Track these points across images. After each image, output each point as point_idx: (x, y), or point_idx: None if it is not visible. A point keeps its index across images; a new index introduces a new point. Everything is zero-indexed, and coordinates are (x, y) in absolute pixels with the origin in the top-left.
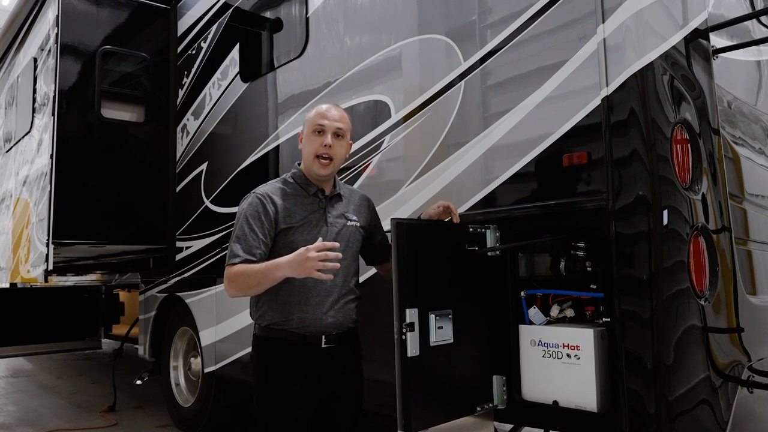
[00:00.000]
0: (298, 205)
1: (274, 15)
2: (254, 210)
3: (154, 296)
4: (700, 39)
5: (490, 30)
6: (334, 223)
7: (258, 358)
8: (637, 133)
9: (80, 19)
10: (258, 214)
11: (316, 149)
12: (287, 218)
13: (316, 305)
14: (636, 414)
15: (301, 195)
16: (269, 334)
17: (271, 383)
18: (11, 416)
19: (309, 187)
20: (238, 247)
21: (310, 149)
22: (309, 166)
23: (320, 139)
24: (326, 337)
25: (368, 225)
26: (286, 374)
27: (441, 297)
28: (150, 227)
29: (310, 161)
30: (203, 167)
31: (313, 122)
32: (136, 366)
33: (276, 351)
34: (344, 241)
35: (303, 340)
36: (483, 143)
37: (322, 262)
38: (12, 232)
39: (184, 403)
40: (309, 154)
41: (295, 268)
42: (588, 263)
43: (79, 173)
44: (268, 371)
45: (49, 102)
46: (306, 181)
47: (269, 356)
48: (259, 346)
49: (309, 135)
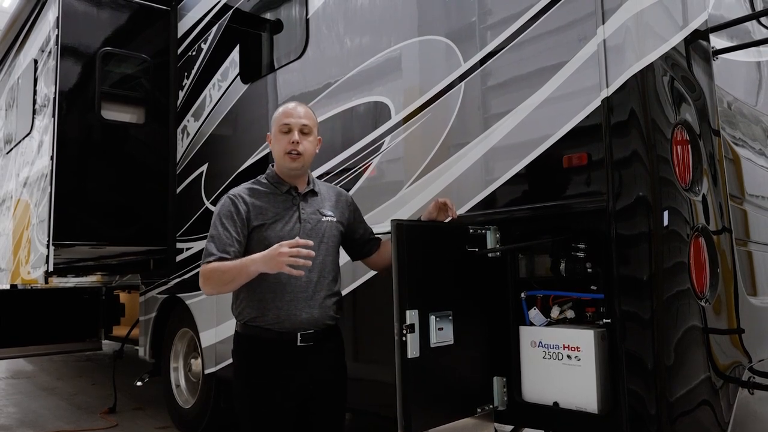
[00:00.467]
0: (271, 202)
1: (274, 16)
2: (226, 210)
3: (154, 297)
4: (701, 40)
5: (490, 31)
6: (308, 219)
7: (236, 354)
8: (637, 134)
9: (81, 20)
10: (230, 214)
11: (284, 147)
12: (259, 215)
13: (290, 301)
14: (636, 415)
15: (274, 193)
16: (247, 330)
17: (249, 379)
18: (11, 417)
19: (281, 186)
20: (213, 246)
21: (279, 147)
22: (280, 163)
23: (288, 137)
24: (302, 334)
25: (346, 220)
26: (262, 371)
27: (441, 298)
28: (150, 228)
29: (280, 158)
30: (203, 168)
31: (280, 122)
32: (136, 367)
33: (253, 347)
34: (319, 236)
35: (279, 338)
36: (483, 144)
37: (294, 258)
38: (12, 233)
39: (185, 405)
40: (279, 152)
41: (268, 263)
42: (588, 264)
43: (79, 174)
44: (246, 367)
45: (49, 103)
46: (278, 179)
47: (247, 352)
48: (237, 343)
49: (276, 134)
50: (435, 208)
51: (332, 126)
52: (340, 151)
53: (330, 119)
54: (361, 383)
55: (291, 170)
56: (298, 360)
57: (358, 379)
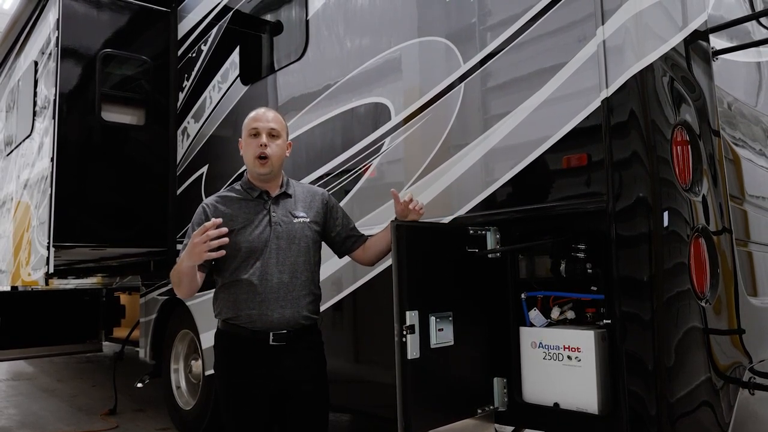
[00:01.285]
0: (241, 208)
1: (274, 18)
2: (198, 218)
3: (154, 299)
4: (700, 40)
5: (489, 32)
6: (278, 222)
7: (215, 349)
8: (637, 134)
9: (81, 22)
10: (201, 222)
11: (253, 151)
12: (229, 222)
13: (262, 302)
14: (637, 416)
15: (246, 199)
16: (226, 328)
17: (225, 374)
18: (12, 419)
19: (252, 191)
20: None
21: (249, 152)
22: (251, 168)
23: (256, 141)
24: (274, 334)
25: (322, 219)
26: (237, 367)
27: (441, 299)
28: (150, 230)
29: (251, 163)
30: (204, 170)
31: (248, 127)
32: (136, 369)
33: (230, 344)
34: (290, 238)
35: (253, 336)
36: (483, 145)
37: (206, 244)
38: (13, 235)
39: (185, 406)
40: (249, 156)
41: (191, 257)
42: (588, 265)
43: (79, 176)
44: (223, 363)
45: (49, 105)
46: (250, 185)
47: (225, 349)
48: (217, 339)
49: (246, 139)
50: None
51: (332, 127)
52: (340, 153)
53: (330, 120)
54: (361, 384)
55: (260, 175)
56: (271, 359)
57: (358, 380)
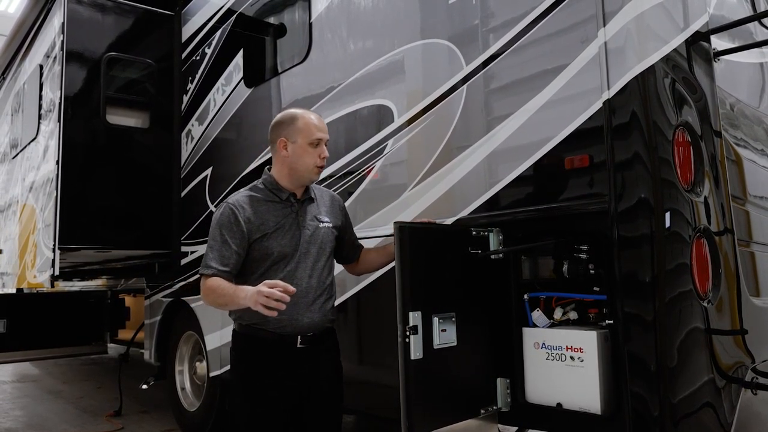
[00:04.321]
0: (271, 211)
1: (277, 20)
2: (227, 220)
3: (159, 301)
4: (702, 41)
5: (492, 34)
6: (307, 227)
7: (237, 354)
8: (638, 135)
9: (86, 26)
10: (231, 225)
11: (315, 161)
12: (261, 226)
13: (292, 306)
14: (639, 416)
15: (273, 201)
16: (248, 331)
17: (247, 378)
18: (18, 421)
19: (281, 193)
20: (212, 257)
21: (310, 160)
22: (305, 175)
23: (317, 151)
24: (302, 337)
25: (340, 225)
26: (260, 370)
27: (444, 300)
28: (155, 232)
29: (307, 170)
30: (208, 172)
31: (311, 134)
32: (141, 370)
33: (254, 348)
34: (318, 243)
35: (280, 340)
36: (485, 147)
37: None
38: (18, 237)
39: (190, 408)
40: (306, 164)
41: (249, 301)
42: (591, 266)
43: (84, 179)
44: (244, 367)
45: (55, 108)
46: (278, 187)
47: (248, 353)
48: (239, 344)
49: (305, 146)
50: None
51: (336, 129)
52: (344, 154)
53: (333, 122)
54: (364, 385)
55: (312, 182)
56: (296, 361)
57: (361, 381)
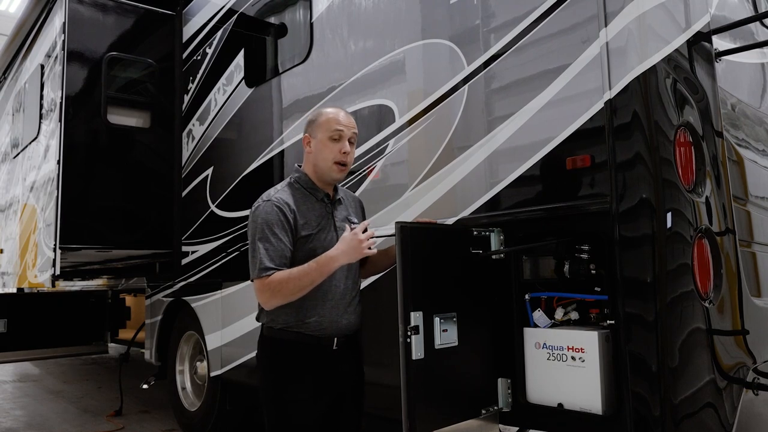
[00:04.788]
0: (311, 211)
1: (278, 20)
2: (275, 218)
3: (160, 301)
4: (703, 42)
5: (493, 34)
6: (340, 227)
7: (270, 359)
8: (640, 136)
9: (87, 25)
10: (281, 222)
11: (334, 155)
12: (306, 225)
13: (332, 308)
14: (641, 417)
15: (311, 200)
16: (282, 336)
17: (286, 385)
18: (19, 420)
19: (317, 192)
20: (266, 256)
21: (329, 155)
22: (326, 171)
23: (338, 146)
24: (338, 339)
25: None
26: (301, 376)
27: (445, 300)
28: (156, 232)
29: (327, 167)
30: (209, 172)
31: (330, 128)
32: (142, 370)
33: (290, 353)
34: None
35: (317, 342)
36: (487, 147)
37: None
38: (19, 237)
39: (190, 407)
40: (327, 159)
41: (350, 254)
42: (592, 266)
43: (85, 179)
44: (282, 373)
45: (56, 108)
46: (313, 185)
47: (283, 358)
48: (271, 348)
49: (325, 141)
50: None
51: None
52: None
53: None
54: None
55: (334, 180)
56: (332, 363)
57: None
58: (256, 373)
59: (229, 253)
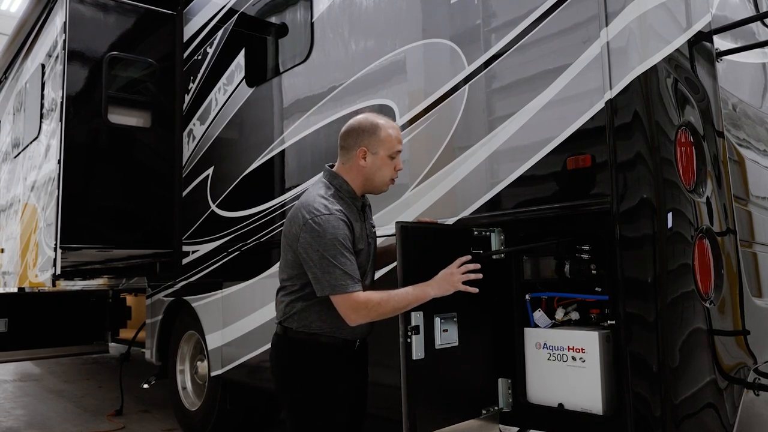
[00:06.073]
0: (357, 222)
1: (279, 20)
2: (344, 233)
3: (160, 300)
4: (704, 41)
5: (494, 34)
6: (371, 235)
7: (301, 363)
8: (641, 136)
9: (88, 25)
10: (348, 237)
11: (392, 174)
12: (359, 240)
13: None
14: (641, 417)
15: (354, 211)
16: (313, 339)
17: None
18: (19, 420)
19: (357, 202)
20: (345, 274)
21: (387, 173)
22: (379, 187)
23: (395, 163)
24: (360, 340)
25: None
26: (333, 378)
27: (446, 300)
28: (156, 232)
29: (383, 183)
30: (209, 172)
31: (393, 148)
32: (143, 370)
33: (322, 356)
34: (374, 251)
35: (343, 344)
36: (487, 147)
37: (466, 275)
38: (20, 237)
39: (191, 407)
40: (384, 177)
41: (444, 288)
42: (593, 266)
43: (86, 178)
44: (315, 376)
45: (57, 108)
46: (354, 195)
47: (315, 361)
48: (302, 352)
49: (385, 159)
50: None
51: (337, 129)
52: None
53: (335, 122)
54: None
55: (381, 193)
56: (353, 365)
57: None
58: (268, 374)
59: (229, 253)
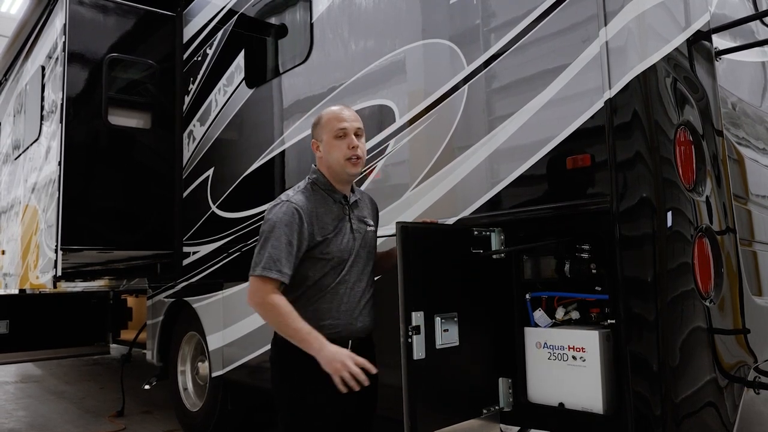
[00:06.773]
0: (328, 213)
1: (278, 21)
2: (291, 219)
3: (161, 301)
4: (703, 41)
5: (493, 34)
6: (358, 230)
7: (287, 363)
8: (640, 135)
9: (87, 27)
10: (294, 227)
11: (344, 153)
12: (322, 230)
13: (346, 312)
14: (642, 416)
15: (329, 202)
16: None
17: (304, 390)
18: (21, 421)
19: (335, 194)
20: (270, 258)
21: (339, 154)
22: (340, 171)
23: (345, 142)
24: (353, 341)
25: (377, 229)
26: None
27: (446, 300)
28: (157, 233)
29: (340, 165)
30: (209, 173)
31: (333, 127)
32: (144, 371)
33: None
34: (366, 246)
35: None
36: (487, 146)
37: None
38: (21, 238)
39: (192, 408)
40: (338, 158)
41: (327, 363)
42: (593, 265)
43: (87, 180)
44: (300, 377)
45: (57, 109)
46: (331, 187)
47: (301, 362)
48: (288, 352)
49: (331, 141)
50: None
51: None
52: None
53: None
54: None
55: (351, 176)
56: None
57: None
58: (268, 375)
59: (230, 254)
